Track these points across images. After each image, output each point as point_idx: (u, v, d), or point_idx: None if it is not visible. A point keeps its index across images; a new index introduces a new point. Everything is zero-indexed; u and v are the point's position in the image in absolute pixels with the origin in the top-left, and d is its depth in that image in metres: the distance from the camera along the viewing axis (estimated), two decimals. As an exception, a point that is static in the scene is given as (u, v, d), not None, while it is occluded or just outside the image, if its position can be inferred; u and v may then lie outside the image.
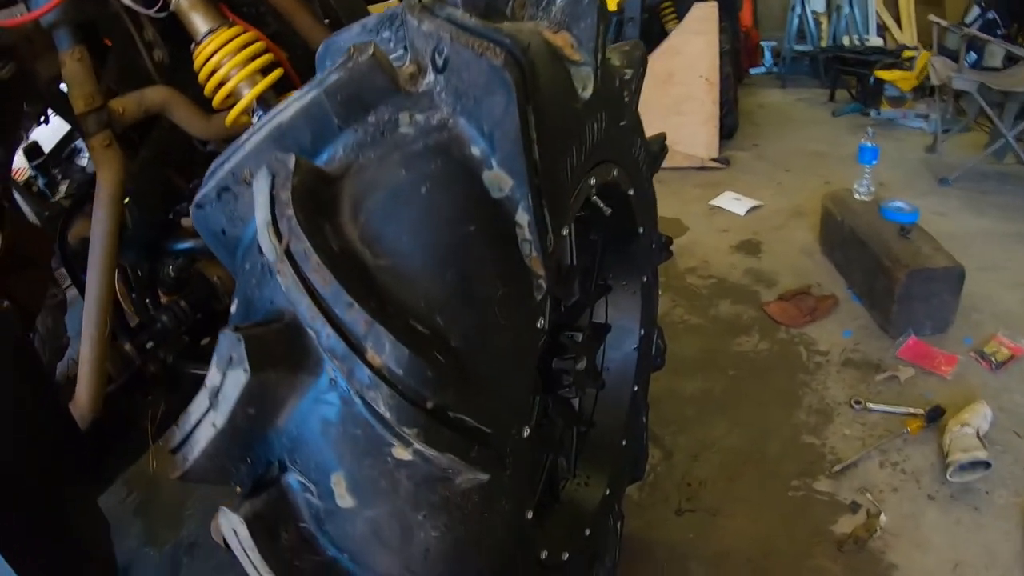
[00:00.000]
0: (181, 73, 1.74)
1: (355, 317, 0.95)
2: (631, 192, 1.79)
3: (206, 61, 1.62)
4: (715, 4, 5.81)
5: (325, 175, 1.07)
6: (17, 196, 2.12)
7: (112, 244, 1.62)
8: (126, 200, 1.78)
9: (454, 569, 1.10)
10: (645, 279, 2.01)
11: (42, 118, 2.05)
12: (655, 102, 5.60)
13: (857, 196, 4.01)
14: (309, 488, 1.02)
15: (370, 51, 1.08)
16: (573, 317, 1.80)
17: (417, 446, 0.97)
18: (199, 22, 1.63)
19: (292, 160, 1.00)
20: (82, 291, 1.66)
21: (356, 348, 0.95)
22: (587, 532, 1.77)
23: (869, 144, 4.04)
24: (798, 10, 8.63)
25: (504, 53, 1.05)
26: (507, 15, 1.35)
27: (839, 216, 3.97)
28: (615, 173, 1.65)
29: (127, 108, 1.65)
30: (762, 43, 9.27)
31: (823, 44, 8.69)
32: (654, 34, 6.13)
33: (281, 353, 0.98)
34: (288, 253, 0.96)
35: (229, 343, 0.96)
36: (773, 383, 3.22)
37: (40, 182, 2.40)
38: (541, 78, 1.15)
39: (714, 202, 5.18)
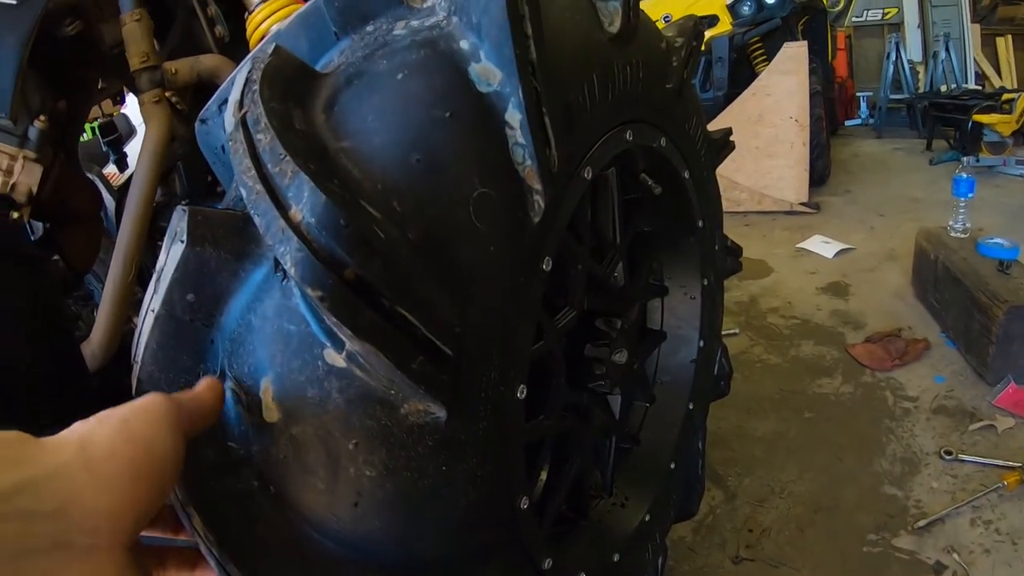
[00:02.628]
0: (239, 50, 1.78)
1: (283, 168, 0.85)
2: (686, 175, 1.66)
3: (256, 29, 1.67)
4: (805, 44, 5.65)
5: (308, 69, 1.02)
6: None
7: (149, 194, 1.65)
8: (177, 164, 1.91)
9: (393, 530, 0.94)
10: (706, 283, 1.84)
11: (118, 96, 2.12)
12: (745, 144, 5.48)
13: (952, 233, 3.76)
14: (240, 398, 0.90)
15: None
16: (619, 308, 1.64)
17: (350, 347, 0.84)
18: None
19: (272, 46, 0.97)
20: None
21: (279, 204, 0.84)
22: (616, 558, 1.59)
23: (964, 175, 3.80)
24: (893, 57, 8.37)
25: None
26: None
27: (932, 253, 3.71)
28: (662, 142, 1.54)
29: (180, 70, 1.71)
30: (858, 94, 9.05)
31: (920, 92, 8.40)
32: (744, 76, 5.99)
33: (225, 234, 0.90)
34: (243, 121, 0.89)
35: (176, 218, 0.90)
36: (854, 428, 2.96)
37: (111, 157, 2.52)
38: None
39: (802, 245, 4.97)
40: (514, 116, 1.01)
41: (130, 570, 0.62)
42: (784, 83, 5.60)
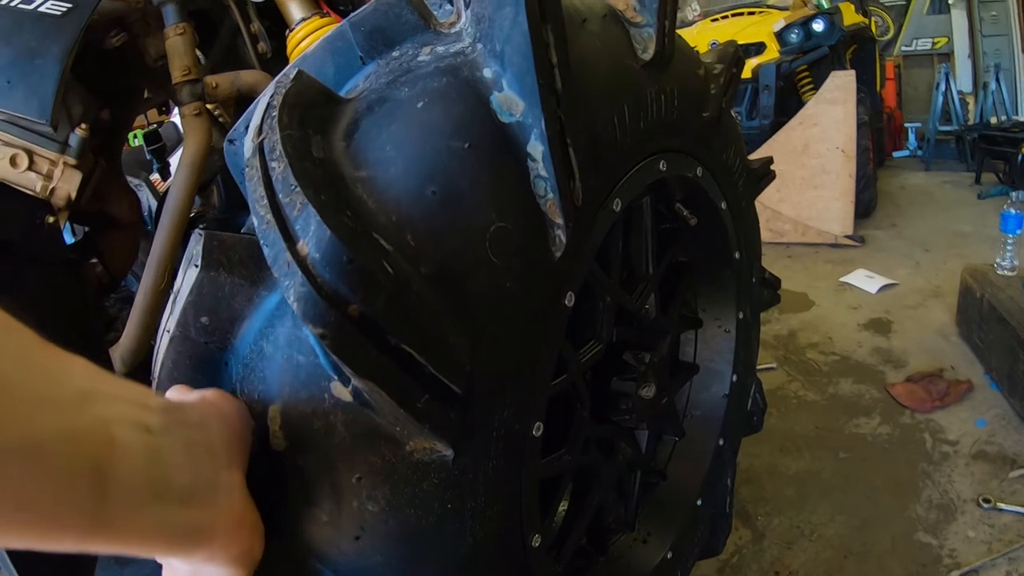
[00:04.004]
0: (281, 66, 1.80)
1: (293, 199, 0.83)
2: (723, 206, 1.62)
3: (296, 46, 1.70)
4: (853, 72, 5.56)
5: (330, 94, 1.00)
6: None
7: (185, 204, 1.68)
8: (216, 176, 1.95)
9: (396, 566, 0.92)
10: (742, 316, 1.80)
11: (164, 106, 2.16)
12: (790, 174, 5.43)
13: (999, 270, 3.64)
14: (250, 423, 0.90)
15: None
16: (649, 341, 1.61)
17: (355, 382, 0.82)
18: (295, 10, 1.73)
19: (294, 71, 0.96)
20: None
21: (287, 236, 0.83)
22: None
23: (1013, 211, 3.69)
24: (942, 88, 8.21)
25: None
26: None
27: (978, 291, 3.60)
28: (698, 172, 1.50)
29: (221, 84, 1.73)
30: (906, 125, 8.91)
31: (969, 123, 8.24)
32: (791, 104, 5.93)
33: (240, 259, 0.90)
34: (260, 147, 0.88)
35: (192, 241, 0.90)
36: (889, 471, 2.87)
37: (155, 165, 2.58)
38: (582, 21, 1.16)
39: (845, 279, 4.86)
40: (536, 148, 0.99)
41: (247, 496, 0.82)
42: (831, 112, 5.51)
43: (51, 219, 1.48)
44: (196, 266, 0.89)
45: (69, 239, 2.09)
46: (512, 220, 0.99)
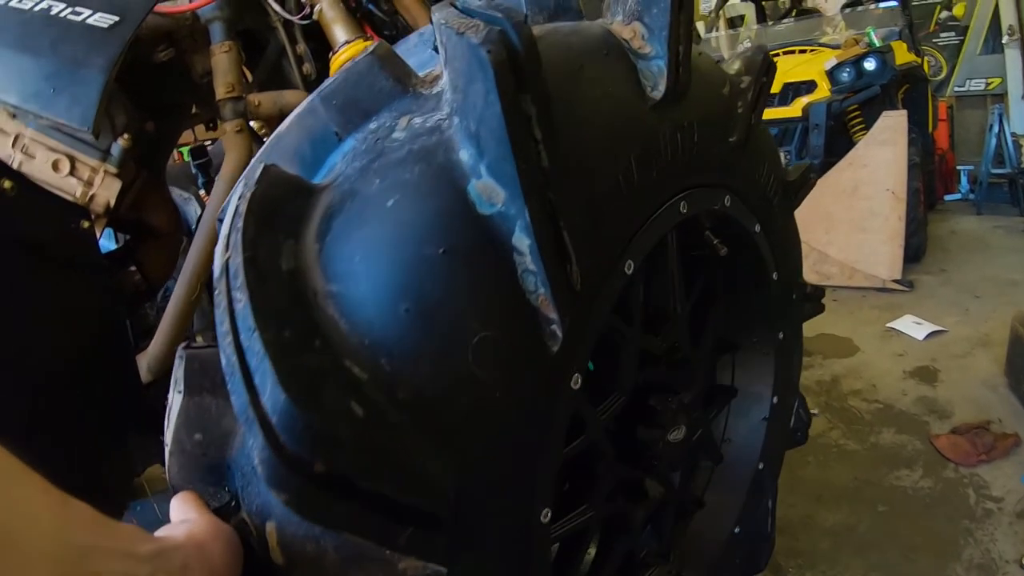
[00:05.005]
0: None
1: (252, 346, 0.79)
2: (757, 228, 1.54)
3: (339, 68, 1.73)
4: (904, 113, 5.47)
5: (302, 185, 0.95)
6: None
7: None
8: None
9: None
10: (782, 336, 1.71)
11: (211, 123, 2.23)
12: (839, 216, 5.34)
13: (1053, 322, 3.52)
14: (252, 532, 0.86)
15: (371, 51, 0.98)
16: (680, 378, 1.55)
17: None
18: (339, 32, 1.76)
19: (260, 168, 0.91)
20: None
21: (250, 386, 0.79)
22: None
23: (1068, 260, 3.58)
24: (996, 129, 8.01)
25: (486, 29, 0.88)
26: (579, 12, 1.26)
27: (1030, 341, 3.50)
28: (726, 202, 1.41)
29: (263, 103, 1.76)
30: (958, 167, 8.73)
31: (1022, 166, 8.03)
32: (841, 145, 5.84)
33: (223, 380, 0.85)
34: (226, 267, 0.85)
35: (176, 364, 0.89)
36: (929, 526, 2.76)
37: (200, 180, 2.64)
38: (577, 69, 1.05)
39: (891, 324, 4.74)
40: (522, 240, 0.91)
41: None
42: (881, 154, 5.41)
43: (86, 224, 1.50)
44: (180, 392, 0.88)
45: (110, 246, 2.16)
46: (498, 327, 0.92)
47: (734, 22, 8.38)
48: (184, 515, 0.88)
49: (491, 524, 0.97)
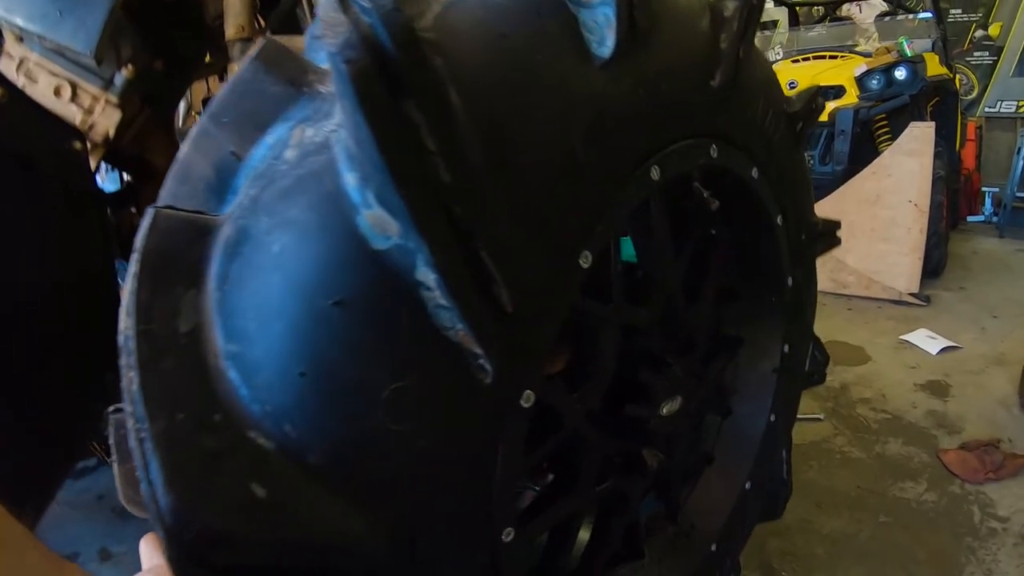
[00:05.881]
0: None
1: (142, 437, 0.74)
2: (754, 174, 1.39)
3: None
4: (932, 125, 5.36)
5: (199, 224, 0.86)
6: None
7: None
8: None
9: None
10: (791, 282, 1.59)
11: (224, 73, 2.21)
12: (861, 225, 5.24)
13: (1076, 344, 3.43)
14: None
15: (255, 54, 0.87)
16: (674, 343, 1.44)
17: None
18: None
19: (149, 217, 0.84)
20: None
21: (148, 480, 0.74)
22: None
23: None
24: None
25: (347, 30, 0.75)
26: None
27: (1049, 364, 3.40)
28: (712, 153, 1.25)
29: None
30: (983, 189, 8.59)
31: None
32: (865, 153, 5.74)
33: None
34: (125, 336, 0.79)
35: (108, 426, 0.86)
36: (932, 542, 2.68)
37: None
38: (496, 40, 0.89)
39: (905, 337, 4.65)
40: (426, 275, 0.79)
41: None
42: (907, 164, 5.30)
43: (78, 145, 1.46)
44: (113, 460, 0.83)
45: (114, 188, 2.16)
46: (411, 375, 0.82)
47: (767, 26, 8.26)
48: (153, 559, 0.84)
49: (446, 559, 0.92)
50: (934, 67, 6.29)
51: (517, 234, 0.88)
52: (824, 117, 5.61)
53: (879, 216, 5.33)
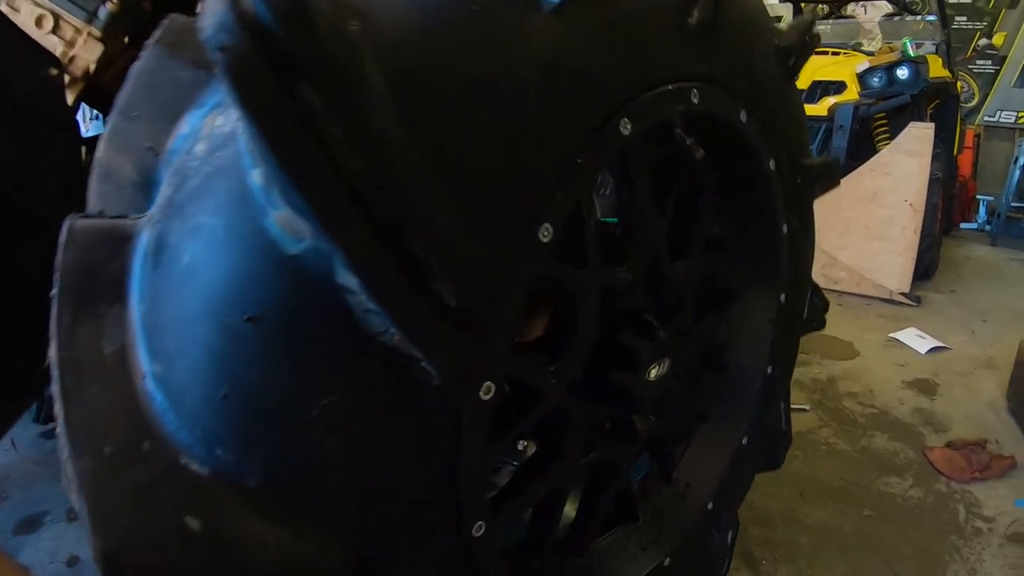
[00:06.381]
0: None
1: (72, 477, 0.69)
2: (742, 116, 1.29)
3: None
4: (932, 126, 5.32)
5: (119, 233, 0.79)
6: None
7: None
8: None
9: None
10: (787, 228, 1.50)
11: None
12: (855, 222, 5.21)
13: (1065, 349, 3.38)
14: None
15: (157, 37, 0.80)
16: (660, 301, 1.36)
17: None
18: None
19: (65, 229, 0.78)
20: None
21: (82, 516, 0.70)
22: (666, 563, 1.38)
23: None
24: (1021, 162, 7.85)
25: (220, 8, 0.63)
26: None
27: (1038, 366, 3.35)
28: (694, 99, 1.14)
29: None
30: (978, 197, 8.57)
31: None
32: (863, 150, 5.68)
33: None
34: (49, 365, 0.74)
35: None
36: (916, 538, 2.64)
37: None
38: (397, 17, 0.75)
39: (895, 335, 4.63)
40: (348, 278, 0.71)
41: None
42: (905, 164, 5.26)
43: (54, 72, 1.41)
44: None
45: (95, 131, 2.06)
46: (344, 387, 0.75)
47: (770, 22, 8.21)
48: None
49: (411, 565, 0.88)
50: (937, 69, 6.24)
51: (457, 218, 0.78)
52: (823, 111, 5.57)
53: (875, 214, 5.28)
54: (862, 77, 5.80)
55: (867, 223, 5.29)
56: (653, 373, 1.30)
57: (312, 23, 0.66)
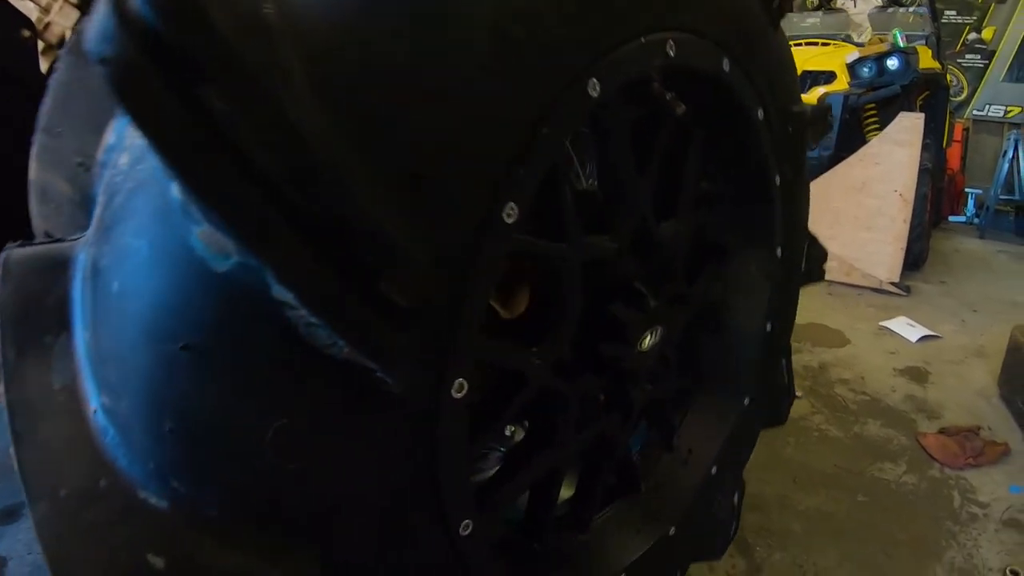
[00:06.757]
0: None
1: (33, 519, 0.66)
2: (725, 66, 1.21)
3: None
4: (922, 116, 5.29)
5: (57, 258, 0.75)
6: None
7: None
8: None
9: None
10: (779, 180, 1.43)
11: None
12: (846, 212, 5.19)
13: (1058, 337, 3.34)
14: None
15: (69, 41, 0.75)
16: (650, 264, 1.28)
17: None
18: None
19: (3, 259, 0.73)
20: None
21: None
22: (671, 531, 1.34)
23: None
24: (1010, 155, 7.87)
25: (104, 16, 0.55)
26: None
27: (1032, 352, 3.31)
28: (670, 51, 1.06)
29: None
30: (967, 190, 8.58)
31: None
32: (852, 141, 5.65)
33: None
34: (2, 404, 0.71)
35: None
36: (911, 524, 2.59)
37: None
38: None
39: (885, 323, 4.60)
40: (284, 293, 0.64)
41: None
42: (895, 153, 5.23)
43: (27, 33, 1.36)
44: None
45: None
46: (295, 408, 0.70)
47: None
48: None
49: (400, 568, 0.85)
50: (927, 60, 6.23)
51: (401, 211, 0.70)
52: (813, 101, 5.53)
53: (864, 204, 5.25)
54: (852, 67, 5.78)
55: (856, 213, 5.26)
56: (646, 343, 1.24)
57: (205, 16, 0.57)
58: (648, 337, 1.24)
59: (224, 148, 0.58)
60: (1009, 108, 9.01)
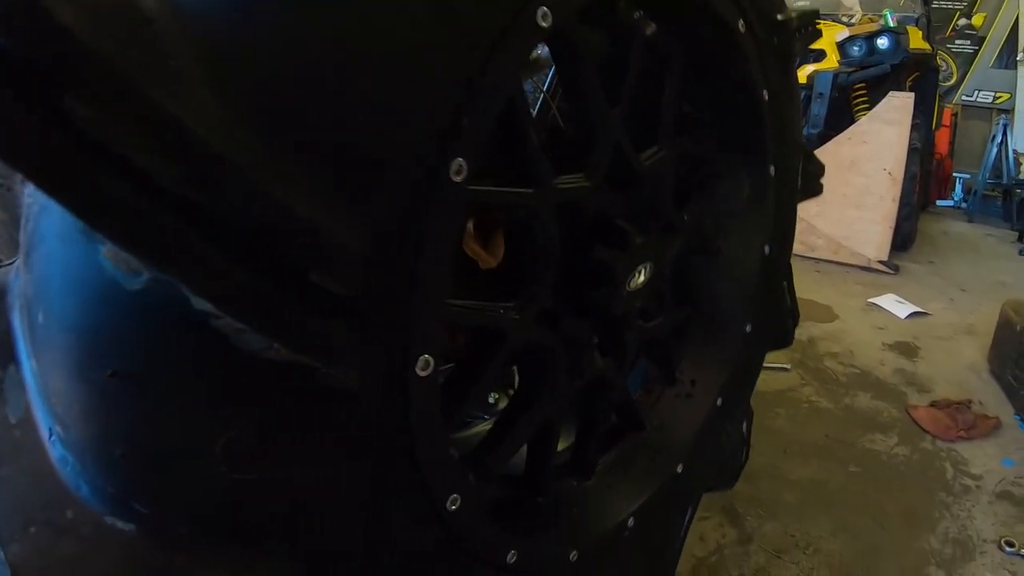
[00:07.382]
0: None
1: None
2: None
3: None
4: (912, 95, 5.26)
5: None
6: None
7: None
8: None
9: None
10: (766, 94, 1.32)
11: None
12: (833, 190, 5.09)
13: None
14: None
15: None
16: (635, 196, 1.20)
17: None
18: None
19: None
20: None
21: None
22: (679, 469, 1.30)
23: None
24: (998, 140, 7.88)
25: None
26: None
27: (1018, 325, 3.26)
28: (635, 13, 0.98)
29: None
30: (954, 174, 8.57)
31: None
32: (841, 120, 5.60)
33: None
34: None
35: None
36: (903, 495, 2.55)
37: None
38: None
39: (874, 300, 4.57)
40: (204, 303, 0.60)
41: None
42: (884, 132, 5.19)
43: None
44: None
45: None
46: (241, 416, 0.67)
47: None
48: None
49: (388, 554, 0.82)
50: (916, 41, 6.18)
51: (323, 189, 0.62)
52: (802, 79, 5.48)
53: (853, 182, 5.21)
54: (842, 46, 5.74)
55: (845, 191, 5.22)
56: (635, 282, 1.17)
57: (49, 19, 0.49)
58: (637, 275, 1.17)
59: (100, 159, 0.51)
60: (998, 94, 9.00)
